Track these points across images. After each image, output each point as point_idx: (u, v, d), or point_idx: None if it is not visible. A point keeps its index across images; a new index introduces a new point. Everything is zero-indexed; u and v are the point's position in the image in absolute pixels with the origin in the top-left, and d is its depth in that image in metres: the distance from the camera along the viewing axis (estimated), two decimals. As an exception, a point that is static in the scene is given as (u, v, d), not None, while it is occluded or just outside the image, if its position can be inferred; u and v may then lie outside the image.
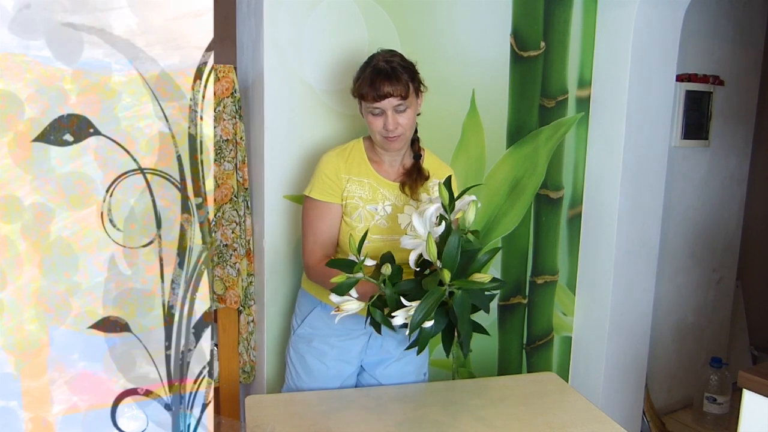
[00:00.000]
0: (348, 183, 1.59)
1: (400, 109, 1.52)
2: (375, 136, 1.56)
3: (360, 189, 1.59)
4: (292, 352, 1.73)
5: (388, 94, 1.49)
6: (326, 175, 1.59)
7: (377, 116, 1.53)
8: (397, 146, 1.57)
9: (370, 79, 1.51)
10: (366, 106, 1.54)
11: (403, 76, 1.52)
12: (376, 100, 1.50)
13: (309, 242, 1.61)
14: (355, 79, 1.59)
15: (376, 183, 1.61)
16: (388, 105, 1.51)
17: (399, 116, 1.52)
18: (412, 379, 1.76)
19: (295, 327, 1.73)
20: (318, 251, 1.60)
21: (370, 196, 1.60)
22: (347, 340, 1.67)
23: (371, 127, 1.55)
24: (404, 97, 1.51)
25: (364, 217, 1.59)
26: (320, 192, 1.59)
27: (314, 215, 1.61)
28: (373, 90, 1.50)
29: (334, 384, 1.68)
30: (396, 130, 1.52)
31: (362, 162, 1.62)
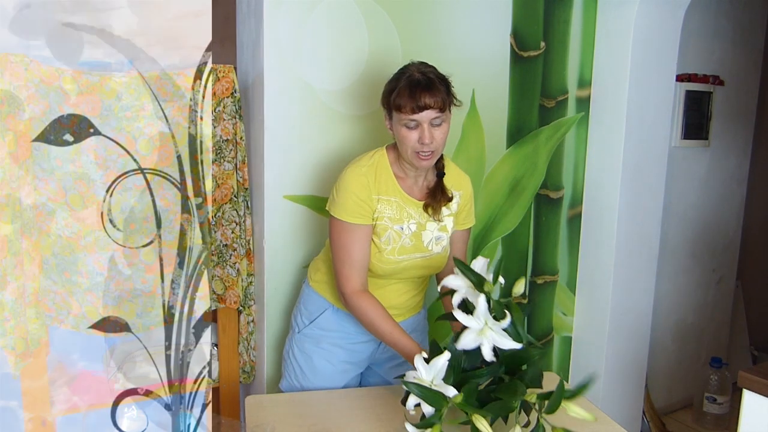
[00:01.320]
0: (378, 203, 1.52)
1: (436, 122, 1.45)
2: (406, 151, 1.47)
3: (389, 209, 1.53)
4: (297, 351, 1.70)
5: (427, 106, 1.42)
6: (358, 195, 1.50)
7: (412, 130, 1.45)
8: (428, 164, 1.49)
9: (409, 89, 1.44)
10: (401, 118, 1.45)
11: (441, 87, 1.46)
12: (415, 111, 1.43)
13: (345, 268, 1.52)
14: (387, 91, 1.51)
15: (402, 201, 1.54)
16: (426, 117, 1.43)
17: (435, 130, 1.45)
18: None
19: (301, 326, 1.70)
20: (356, 278, 1.52)
21: (397, 215, 1.54)
22: (359, 344, 1.66)
23: (404, 141, 1.46)
24: (442, 110, 1.45)
25: (392, 238, 1.54)
26: (353, 214, 1.50)
27: (348, 239, 1.51)
28: (412, 101, 1.43)
29: (339, 384, 1.68)
30: (431, 144, 1.45)
31: (389, 179, 1.54)
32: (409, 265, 1.57)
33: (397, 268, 1.57)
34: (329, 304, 1.66)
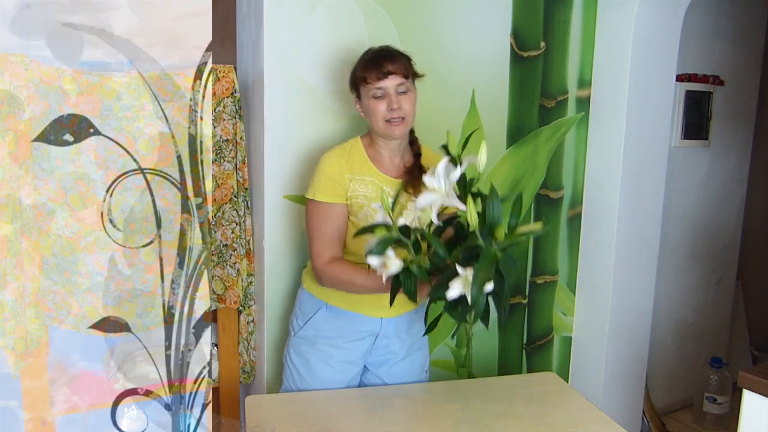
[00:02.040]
0: (351, 182, 1.58)
1: (401, 89, 1.53)
2: (378, 123, 1.55)
3: (363, 187, 1.58)
4: (293, 354, 1.71)
5: (391, 72, 1.51)
6: (329, 175, 1.58)
7: (380, 99, 1.53)
8: (400, 132, 1.55)
9: (372, 60, 1.54)
10: (368, 90, 1.54)
11: (402, 57, 1.56)
12: (380, 78, 1.51)
13: (316, 245, 1.58)
14: (352, 72, 1.60)
15: (378, 181, 1.60)
16: (390, 84, 1.52)
17: (401, 98, 1.53)
18: (415, 377, 1.76)
19: (297, 328, 1.71)
20: (326, 253, 1.57)
21: (374, 194, 1.58)
22: (354, 342, 1.67)
23: (374, 112, 1.54)
24: (405, 76, 1.54)
25: (370, 215, 1.58)
26: (324, 193, 1.57)
27: (319, 218, 1.58)
28: (377, 69, 1.51)
29: (338, 385, 1.68)
30: (400, 110, 1.52)
31: (363, 161, 1.61)
32: None
33: None
34: (323, 303, 1.67)
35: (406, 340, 1.72)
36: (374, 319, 1.66)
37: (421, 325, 1.78)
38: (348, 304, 1.64)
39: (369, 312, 1.64)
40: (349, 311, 1.65)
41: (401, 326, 1.70)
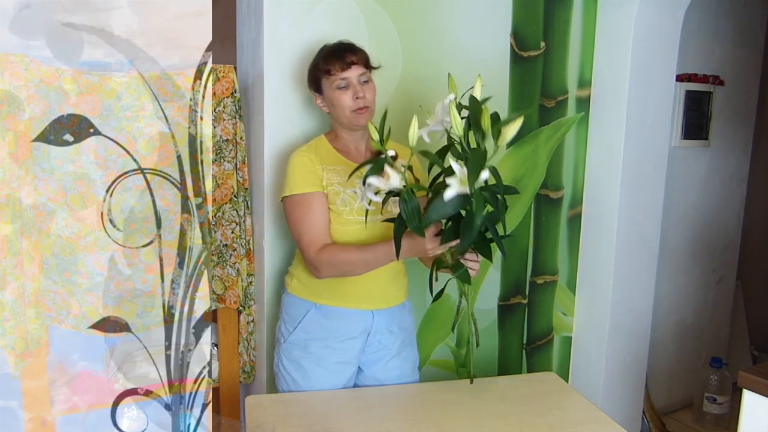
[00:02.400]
0: (324, 172, 1.60)
1: (363, 79, 1.59)
2: (344, 113, 1.59)
3: (336, 175, 1.60)
4: (285, 361, 1.69)
5: (354, 62, 1.57)
6: (302, 167, 1.59)
7: (344, 90, 1.58)
8: (364, 120, 1.58)
9: (334, 53, 1.59)
10: (332, 82, 1.58)
11: (361, 49, 1.62)
12: (344, 69, 1.56)
13: (306, 236, 1.57)
14: (312, 68, 1.65)
15: (348, 168, 1.61)
16: (354, 74, 1.58)
17: (364, 87, 1.59)
18: (409, 373, 1.76)
19: (286, 335, 1.69)
20: (317, 242, 1.56)
21: (346, 180, 1.60)
22: (347, 341, 1.66)
23: (340, 103, 1.58)
24: (366, 67, 1.60)
25: (348, 201, 1.59)
26: (302, 185, 1.58)
27: (302, 210, 1.58)
28: (340, 60, 1.57)
29: (334, 388, 1.67)
30: (365, 98, 1.58)
31: (331, 153, 1.64)
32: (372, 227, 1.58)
33: (358, 230, 1.58)
34: (311, 304, 1.66)
35: (399, 335, 1.72)
36: (365, 312, 1.65)
37: (411, 320, 1.81)
38: (337, 300, 1.63)
39: (360, 305, 1.64)
40: (340, 308, 1.64)
41: (392, 319, 1.70)
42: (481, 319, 2.31)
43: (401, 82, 1.99)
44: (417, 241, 1.42)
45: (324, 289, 1.63)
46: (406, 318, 1.77)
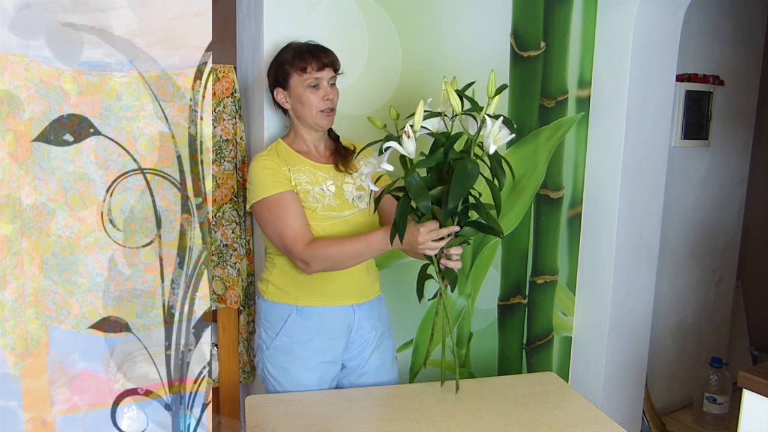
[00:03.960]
0: (291, 173, 1.60)
1: (332, 82, 1.63)
2: (311, 113, 1.60)
3: (302, 175, 1.62)
4: (271, 368, 1.66)
5: (327, 64, 1.60)
6: (268, 169, 1.58)
7: (315, 90, 1.60)
8: (329, 122, 1.63)
9: (310, 51, 1.60)
10: (304, 80, 1.59)
11: (333, 53, 1.64)
12: (320, 69, 1.58)
13: (289, 233, 1.53)
14: (279, 64, 1.63)
15: (312, 168, 1.63)
16: (326, 75, 1.60)
17: (332, 90, 1.63)
18: (389, 365, 1.77)
19: (269, 341, 1.66)
20: (302, 237, 1.53)
21: (312, 179, 1.62)
22: (331, 340, 1.66)
23: (309, 102, 1.59)
24: (336, 71, 1.63)
25: (318, 197, 1.60)
26: (272, 186, 1.56)
27: (278, 211, 1.55)
28: (317, 60, 1.58)
29: (321, 388, 1.67)
30: (333, 100, 1.61)
31: (292, 155, 1.64)
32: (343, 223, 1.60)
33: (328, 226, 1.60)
34: (292, 307, 1.64)
35: (378, 327, 1.73)
36: (346, 308, 1.65)
37: (387, 312, 1.82)
38: (318, 299, 1.63)
39: (340, 301, 1.64)
40: (321, 307, 1.63)
41: (372, 312, 1.71)
42: (481, 319, 2.31)
43: (401, 82, 1.99)
44: (410, 232, 1.42)
45: (303, 290, 1.63)
46: (384, 310, 1.79)
